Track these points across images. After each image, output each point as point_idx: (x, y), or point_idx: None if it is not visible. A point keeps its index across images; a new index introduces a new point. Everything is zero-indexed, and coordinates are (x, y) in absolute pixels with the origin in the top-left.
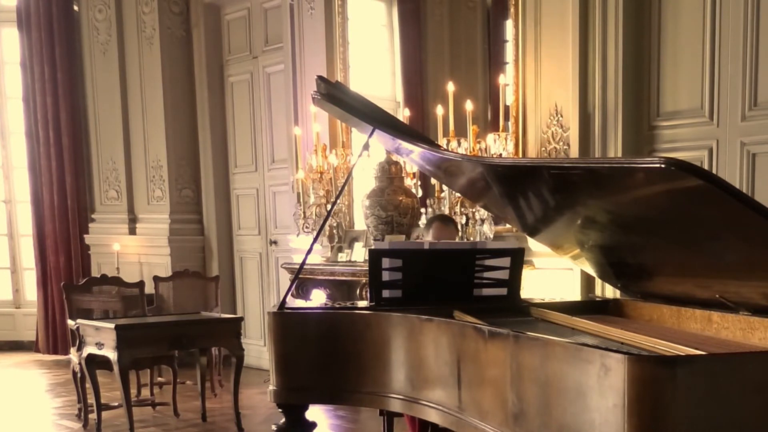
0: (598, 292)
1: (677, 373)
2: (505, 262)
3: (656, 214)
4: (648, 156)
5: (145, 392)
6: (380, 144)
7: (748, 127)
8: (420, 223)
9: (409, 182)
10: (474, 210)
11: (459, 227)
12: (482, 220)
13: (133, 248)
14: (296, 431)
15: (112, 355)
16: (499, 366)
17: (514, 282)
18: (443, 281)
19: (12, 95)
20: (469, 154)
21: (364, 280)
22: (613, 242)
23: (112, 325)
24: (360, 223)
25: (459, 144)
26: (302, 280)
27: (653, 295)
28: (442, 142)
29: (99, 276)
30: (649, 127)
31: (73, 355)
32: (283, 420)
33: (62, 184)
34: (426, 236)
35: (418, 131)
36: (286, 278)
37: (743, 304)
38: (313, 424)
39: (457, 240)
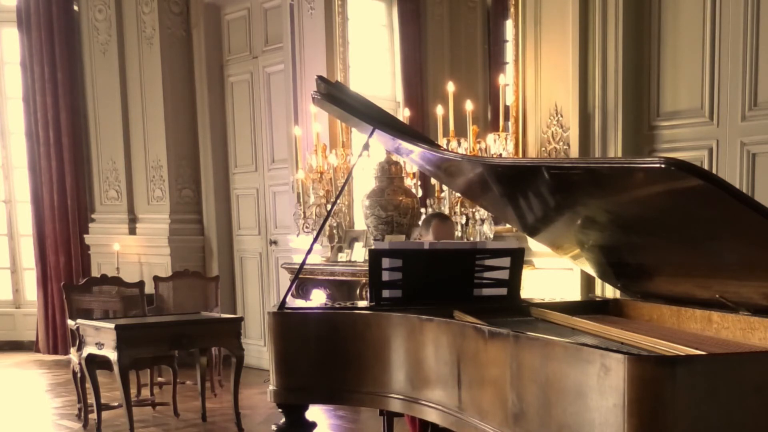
0: (598, 292)
1: (677, 373)
2: (505, 262)
3: (656, 214)
4: (648, 156)
5: (145, 392)
6: (380, 144)
7: (748, 127)
8: (419, 222)
9: (409, 182)
10: (474, 210)
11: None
12: (482, 220)
13: (133, 248)
14: (296, 431)
15: (112, 355)
16: (499, 366)
17: (514, 282)
18: (443, 281)
19: (12, 95)
20: (469, 154)
21: (364, 280)
22: (613, 242)
23: (112, 325)
24: (360, 223)
25: (459, 144)
26: (302, 280)
27: (653, 295)
28: (442, 142)
29: (99, 276)
30: (649, 127)
31: (73, 355)
32: (283, 420)
33: (62, 184)
34: (425, 236)
35: (418, 131)
36: (286, 278)
37: (743, 304)
38: (313, 424)
39: (456, 238)
